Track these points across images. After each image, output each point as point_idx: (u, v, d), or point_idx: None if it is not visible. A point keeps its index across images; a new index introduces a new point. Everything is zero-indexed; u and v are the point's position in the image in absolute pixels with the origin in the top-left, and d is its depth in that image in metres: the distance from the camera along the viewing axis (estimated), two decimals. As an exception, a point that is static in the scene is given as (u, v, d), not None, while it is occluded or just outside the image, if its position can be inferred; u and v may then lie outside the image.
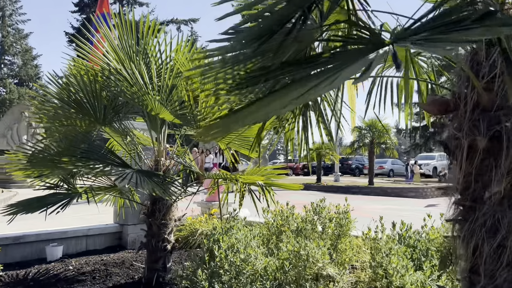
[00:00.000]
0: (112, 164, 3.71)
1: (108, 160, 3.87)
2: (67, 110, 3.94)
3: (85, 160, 3.63)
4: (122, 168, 3.60)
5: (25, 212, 3.59)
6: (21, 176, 4.22)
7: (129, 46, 4.08)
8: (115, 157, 3.86)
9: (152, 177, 3.58)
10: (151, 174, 3.71)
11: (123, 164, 3.79)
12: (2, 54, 53.53)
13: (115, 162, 3.82)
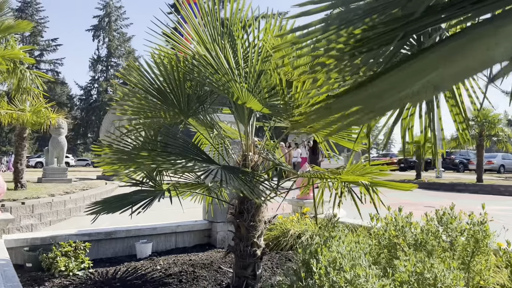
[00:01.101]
0: (196, 159, 3.34)
1: (192, 154, 3.52)
2: (151, 101, 3.68)
3: (166, 155, 3.31)
4: (206, 164, 3.21)
5: (107, 212, 3.39)
6: (109, 171, 4.07)
7: (213, 27, 3.69)
8: (200, 152, 3.50)
9: (238, 174, 3.14)
10: (238, 171, 3.27)
11: (208, 160, 3.41)
12: (109, 56, 58.48)
13: (199, 157, 3.45)
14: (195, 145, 3.58)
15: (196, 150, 3.51)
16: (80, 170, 36.84)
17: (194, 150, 3.51)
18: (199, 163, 3.24)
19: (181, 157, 3.23)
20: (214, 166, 3.21)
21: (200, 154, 3.50)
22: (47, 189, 11.76)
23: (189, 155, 3.36)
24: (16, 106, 12.22)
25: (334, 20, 1.51)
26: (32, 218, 8.46)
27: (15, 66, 10.15)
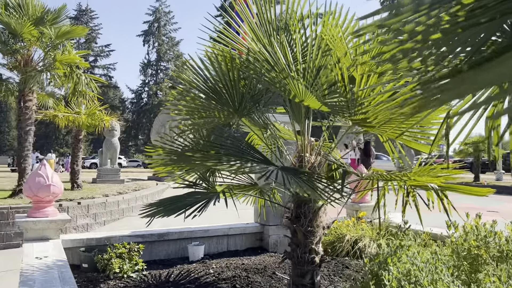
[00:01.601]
0: (253, 160, 3.18)
1: (248, 155, 3.37)
2: (205, 101, 3.57)
3: (222, 156, 3.18)
4: (264, 165, 3.04)
5: (162, 215, 3.30)
6: (162, 172, 4.01)
7: (268, 22, 3.53)
8: (256, 153, 3.33)
9: (298, 175, 2.94)
10: (297, 171, 3.07)
11: (265, 161, 3.24)
12: (158, 60, 60.21)
13: (256, 158, 3.29)
14: (251, 146, 3.42)
15: (252, 151, 3.35)
16: (132, 171, 38.05)
17: (249, 151, 3.35)
18: (257, 164, 3.08)
19: (237, 158, 3.09)
20: (273, 167, 3.04)
21: (256, 155, 3.33)
22: (101, 189, 12.14)
23: (245, 156, 3.21)
24: (72, 109, 12.73)
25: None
26: (87, 217, 8.70)
27: (71, 70, 10.53)
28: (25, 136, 9.53)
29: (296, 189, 2.70)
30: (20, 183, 9.42)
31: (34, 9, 9.61)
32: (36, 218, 4.37)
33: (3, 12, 9.10)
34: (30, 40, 9.35)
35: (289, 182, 2.71)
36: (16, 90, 9.92)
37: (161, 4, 60.81)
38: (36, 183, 4.45)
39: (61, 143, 60.02)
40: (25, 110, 9.50)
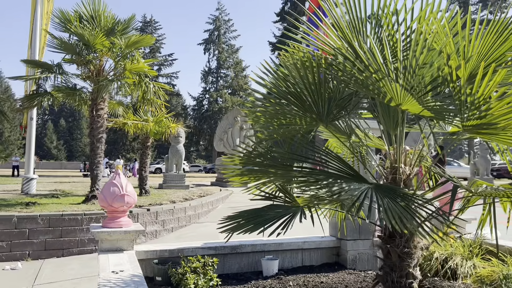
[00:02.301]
0: (339, 175, 2.83)
1: (333, 168, 3.02)
2: (285, 107, 3.27)
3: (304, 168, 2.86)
4: (356, 183, 2.68)
5: (243, 231, 3.04)
6: (238, 182, 3.77)
7: (358, 19, 3.16)
8: (343, 165, 2.97)
9: (397, 198, 2.54)
10: (395, 192, 2.66)
11: (356, 177, 2.87)
12: (219, 68, 61.39)
13: (343, 172, 2.93)
14: (338, 157, 3.06)
15: (338, 163, 3.00)
16: (194, 175, 38.88)
17: (336, 163, 3.00)
18: (346, 180, 2.72)
19: (322, 173, 2.76)
20: (364, 185, 2.66)
21: (343, 168, 2.98)
22: (168, 195, 12.30)
23: (331, 169, 2.87)
24: (140, 117, 13.07)
25: None
26: (156, 224, 8.75)
27: (140, 79, 10.76)
28: (97, 143, 9.83)
29: (396, 224, 2.31)
30: (92, 189, 9.72)
31: (106, 20, 9.92)
32: (110, 228, 4.31)
33: (77, 24, 9.48)
34: (102, 51, 9.65)
35: (384, 209, 2.32)
36: (88, 99, 10.29)
37: (221, 13, 62.05)
38: (110, 193, 4.40)
39: (128, 148, 62.93)
40: (97, 119, 9.81)
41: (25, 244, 7.17)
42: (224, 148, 19.20)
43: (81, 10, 9.83)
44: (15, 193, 12.02)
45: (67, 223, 7.50)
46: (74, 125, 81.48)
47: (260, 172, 3.60)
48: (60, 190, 13.62)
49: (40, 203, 9.06)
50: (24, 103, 10.26)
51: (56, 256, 7.31)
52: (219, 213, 11.34)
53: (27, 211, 7.74)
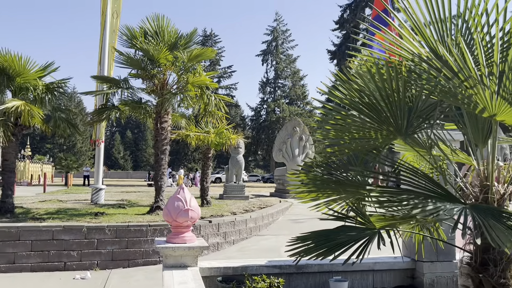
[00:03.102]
0: (427, 194, 2.52)
1: (417, 186, 2.71)
2: (358, 119, 3.01)
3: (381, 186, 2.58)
4: (449, 203, 2.36)
5: (314, 256, 2.81)
6: (305, 199, 3.55)
7: (441, 21, 2.85)
8: (429, 182, 2.66)
9: (501, 218, 2.19)
10: (497, 212, 2.31)
11: (445, 195, 2.55)
12: (276, 78, 61.57)
13: (429, 190, 2.61)
14: (425, 175, 2.75)
15: (425, 181, 2.68)
16: (253, 185, 39.00)
17: (422, 180, 2.69)
18: (436, 200, 2.41)
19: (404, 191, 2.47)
20: (458, 205, 2.34)
21: (431, 186, 2.66)
22: (228, 206, 12.30)
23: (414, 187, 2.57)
24: (202, 128, 13.26)
25: None
26: (217, 236, 8.71)
27: (202, 91, 10.90)
28: (161, 155, 10.04)
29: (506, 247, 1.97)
30: (156, 200, 9.92)
31: (169, 35, 10.18)
32: (174, 244, 4.26)
33: (142, 40, 9.79)
34: (165, 65, 9.89)
35: (490, 232, 1.99)
36: (153, 112, 10.57)
37: (278, 24, 62.34)
38: (175, 208, 4.35)
39: (189, 158, 64.74)
40: (161, 131, 10.04)
41: (93, 254, 7.40)
42: (283, 158, 19.00)
43: (146, 26, 10.16)
44: (85, 203, 12.61)
45: (133, 234, 7.66)
46: (139, 136, 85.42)
47: (330, 189, 3.37)
48: (126, 200, 14.12)
49: (107, 213, 9.38)
50: (94, 117, 10.75)
51: (122, 266, 7.47)
52: (280, 226, 11.13)
53: (96, 221, 8.01)
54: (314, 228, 5.78)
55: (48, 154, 58.37)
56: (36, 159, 45.44)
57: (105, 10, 13.58)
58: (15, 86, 9.18)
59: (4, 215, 8.51)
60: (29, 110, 8.63)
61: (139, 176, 63.86)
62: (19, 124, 9.04)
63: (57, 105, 10.07)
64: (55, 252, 7.28)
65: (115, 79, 10.52)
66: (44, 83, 9.53)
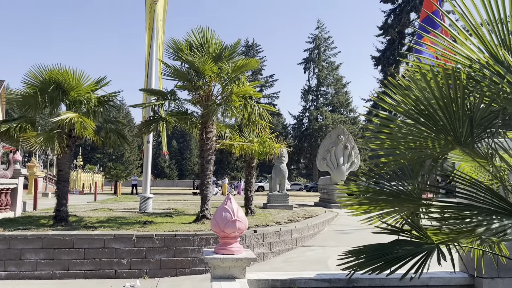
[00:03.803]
0: (493, 210, 2.36)
1: (477, 200, 2.55)
2: (414, 128, 2.89)
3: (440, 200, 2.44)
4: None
5: (369, 271, 2.70)
6: (357, 212, 3.44)
7: (501, 22, 2.68)
8: (495, 197, 2.48)
9: None
10: None
11: (511, 211, 2.37)
12: (318, 86, 61.18)
13: (494, 205, 2.45)
14: (490, 189, 2.58)
15: (486, 194, 2.52)
16: (296, 194, 38.75)
17: (482, 193, 2.53)
18: (503, 217, 2.25)
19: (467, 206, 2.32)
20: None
21: (493, 200, 2.49)
22: (272, 215, 12.23)
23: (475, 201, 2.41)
24: (245, 138, 13.33)
25: None
26: (263, 246, 8.67)
27: (245, 101, 10.97)
28: (207, 165, 10.17)
29: None
30: (202, 209, 10.03)
31: (214, 47, 10.34)
32: (222, 255, 4.26)
33: (188, 52, 10.01)
34: (210, 76, 10.05)
35: None
36: (198, 122, 10.75)
37: (320, 31, 62.10)
38: (222, 218, 4.36)
39: (232, 167, 65.38)
40: (207, 141, 10.18)
41: (142, 262, 7.57)
42: (327, 167, 18.71)
43: (191, 38, 10.39)
44: (134, 212, 12.99)
45: (180, 243, 7.77)
46: (184, 146, 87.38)
47: (383, 201, 3.25)
48: (173, 208, 14.41)
49: (155, 222, 9.59)
50: (142, 129, 11.08)
51: (170, 275, 7.59)
52: (326, 236, 10.93)
53: (145, 230, 8.20)
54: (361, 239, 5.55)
55: (98, 163, 60.97)
56: (87, 169, 47.56)
57: (152, 25, 14.06)
58: (69, 100, 9.64)
59: (59, 223, 8.90)
60: (82, 122, 9.01)
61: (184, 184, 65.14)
62: (72, 135, 9.47)
63: (108, 117, 10.46)
64: (106, 260, 7.51)
65: (162, 91, 10.82)
66: (96, 96, 9.94)
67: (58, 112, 9.65)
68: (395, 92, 2.96)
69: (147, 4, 14.64)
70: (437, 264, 2.62)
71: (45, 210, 13.36)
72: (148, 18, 14.36)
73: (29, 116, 9.70)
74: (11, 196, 11.44)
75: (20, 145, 9.90)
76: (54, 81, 9.30)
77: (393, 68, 45.93)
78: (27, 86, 9.42)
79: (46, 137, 9.05)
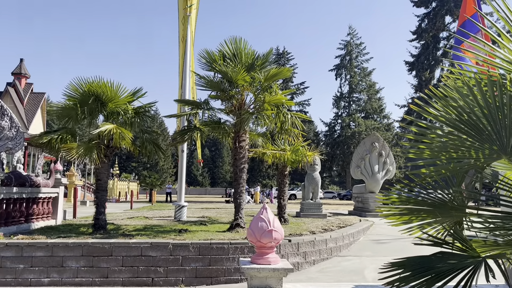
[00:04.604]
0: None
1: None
2: (457, 138, 2.81)
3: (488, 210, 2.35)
4: None
5: (415, 286, 2.62)
6: (397, 222, 3.37)
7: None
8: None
9: None
10: None
11: None
12: (351, 92, 60.47)
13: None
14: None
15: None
16: (329, 202, 38.28)
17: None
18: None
19: None
20: None
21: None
22: (306, 224, 12.13)
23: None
24: (278, 146, 13.33)
25: None
26: (297, 256, 8.60)
27: (278, 110, 10.98)
28: (240, 173, 10.22)
29: None
30: (236, 218, 10.07)
31: (246, 56, 10.43)
32: (259, 265, 4.25)
33: (221, 63, 10.14)
34: (243, 86, 10.14)
35: None
36: (231, 131, 10.84)
37: (352, 37, 61.52)
38: (258, 228, 4.36)
39: (263, 175, 65.34)
40: (240, 150, 10.24)
41: (178, 270, 7.66)
42: (362, 175, 18.40)
43: (224, 49, 10.52)
44: (169, 220, 13.20)
45: (215, 252, 7.82)
46: (216, 154, 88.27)
47: (425, 212, 3.17)
48: (207, 217, 14.54)
49: (190, 230, 9.71)
50: (177, 138, 11.29)
51: (205, 283, 7.64)
52: (361, 246, 10.72)
53: (180, 238, 8.30)
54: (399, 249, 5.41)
55: (133, 172, 62.44)
56: (123, 177, 48.77)
57: (185, 37, 14.35)
58: (107, 111, 9.95)
59: (98, 231, 9.16)
60: (120, 133, 9.27)
61: (217, 192, 65.67)
62: (110, 146, 9.75)
63: (144, 128, 10.72)
64: (143, 267, 7.65)
65: (196, 101, 11.00)
66: (133, 107, 10.22)
67: (96, 123, 9.98)
68: (436, 100, 2.89)
69: (180, 16, 14.97)
70: (485, 280, 2.51)
71: (84, 218, 13.80)
72: (182, 30, 14.67)
73: (69, 128, 10.07)
74: (52, 205, 11.88)
75: (60, 155, 10.27)
76: (93, 93, 9.63)
77: (428, 73, 44.88)
78: (67, 98, 9.79)
79: (86, 147, 9.37)
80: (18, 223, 9.96)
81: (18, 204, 9.98)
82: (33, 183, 10.57)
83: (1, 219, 9.11)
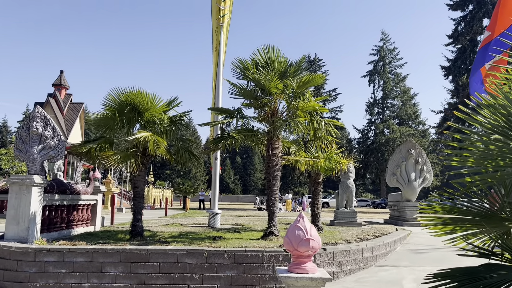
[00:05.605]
0: None
1: None
2: (503, 145, 2.70)
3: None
4: None
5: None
6: (440, 232, 3.26)
7: None
8: None
9: None
10: None
11: None
12: (384, 98, 59.39)
13: None
14: None
15: None
16: (363, 211, 37.59)
17: None
18: None
19: None
20: None
21: None
22: (341, 233, 11.95)
23: None
24: (311, 153, 13.22)
25: None
26: (333, 265, 8.47)
27: (311, 117, 10.91)
28: (273, 181, 10.20)
29: None
30: (269, 225, 10.04)
31: (279, 64, 10.45)
32: (297, 274, 4.22)
33: (254, 71, 10.21)
34: (276, 93, 10.15)
35: None
36: (264, 139, 10.86)
37: (385, 43, 60.57)
38: (295, 237, 4.34)
39: (295, 182, 65.02)
40: (273, 157, 10.24)
41: (214, 278, 7.71)
42: (398, 183, 17.96)
43: (257, 57, 10.59)
44: (203, 227, 13.32)
45: (250, 260, 7.82)
46: (248, 162, 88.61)
47: (467, 221, 3.06)
48: (240, 224, 14.58)
49: (224, 237, 9.76)
50: (211, 146, 11.41)
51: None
52: (398, 256, 10.44)
53: (215, 245, 8.36)
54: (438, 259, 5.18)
55: (167, 179, 63.60)
56: (157, 185, 49.74)
57: (218, 46, 14.56)
58: (144, 120, 10.20)
59: (135, 238, 9.36)
60: (155, 141, 9.47)
61: (248, 199, 65.81)
62: (147, 154, 9.98)
63: (178, 136, 10.91)
64: (179, 274, 7.74)
65: (230, 109, 11.09)
66: (168, 116, 10.43)
67: (133, 133, 10.25)
68: (482, 106, 2.79)
69: (214, 26, 15.21)
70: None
71: (121, 225, 14.14)
72: (215, 39, 14.89)
73: (108, 137, 10.38)
74: (91, 212, 12.25)
75: (98, 163, 10.59)
76: (130, 103, 9.90)
77: (465, 78, 43.46)
78: (106, 108, 10.11)
79: (123, 155, 9.62)
80: (59, 229, 10.33)
81: (59, 210, 10.35)
82: (74, 191, 10.94)
83: (43, 225, 9.46)
